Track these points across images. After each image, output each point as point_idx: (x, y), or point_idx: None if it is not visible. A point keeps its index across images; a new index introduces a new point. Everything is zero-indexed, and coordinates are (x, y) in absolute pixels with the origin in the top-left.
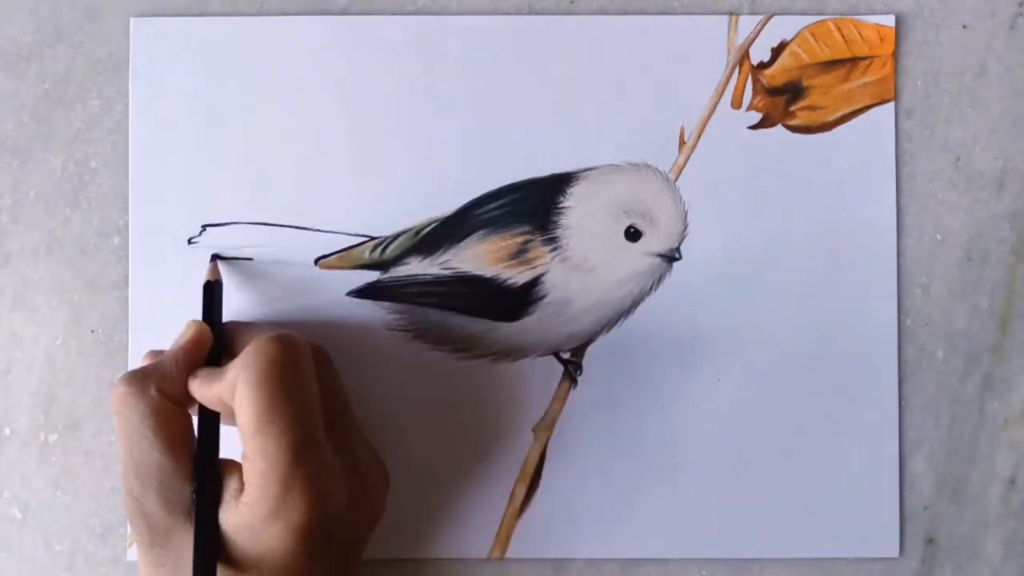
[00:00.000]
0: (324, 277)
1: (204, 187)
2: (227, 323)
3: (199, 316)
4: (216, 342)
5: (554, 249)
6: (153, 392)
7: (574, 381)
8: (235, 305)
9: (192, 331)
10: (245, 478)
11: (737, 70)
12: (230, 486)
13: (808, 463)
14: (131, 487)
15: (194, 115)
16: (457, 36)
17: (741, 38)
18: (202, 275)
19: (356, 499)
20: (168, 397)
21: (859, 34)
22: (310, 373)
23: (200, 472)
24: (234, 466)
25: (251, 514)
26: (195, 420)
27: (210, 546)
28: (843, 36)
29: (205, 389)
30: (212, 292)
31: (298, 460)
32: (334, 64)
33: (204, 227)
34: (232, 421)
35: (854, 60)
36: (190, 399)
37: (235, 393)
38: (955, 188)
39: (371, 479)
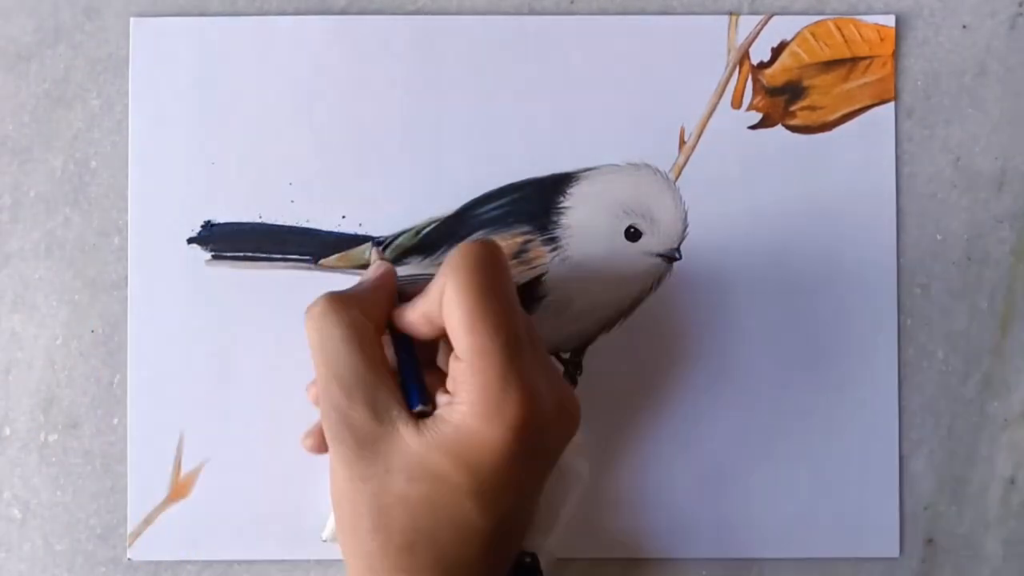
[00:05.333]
0: (324, 277)
1: (204, 187)
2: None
3: (200, 315)
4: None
5: (554, 249)
6: (356, 311)
7: (574, 381)
8: (235, 305)
9: (378, 268)
10: (459, 381)
11: (737, 70)
12: (439, 400)
13: (808, 463)
14: (336, 402)
15: (194, 115)
16: (457, 36)
17: (741, 38)
18: (202, 275)
19: (562, 414)
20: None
21: (859, 34)
22: (511, 275)
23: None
24: (435, 382)
25: (470, 414)
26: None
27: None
28: (843, 36)
29: (411, 311)
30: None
31: (513, 356)
32: (334, 64)
33: (204, 227)
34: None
35: (854, 60)
36: (382, 329)
37: (444, 299)
38: (955, 188)
39: (573, 398)
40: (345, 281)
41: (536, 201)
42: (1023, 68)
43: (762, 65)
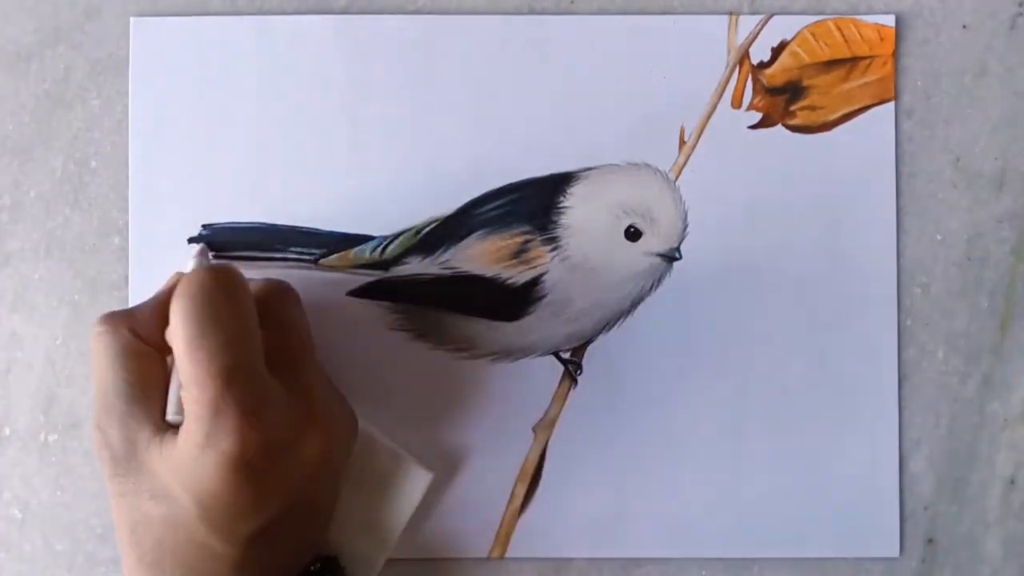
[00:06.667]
0: (324, 277)
1: (204, 187)
2: None
3: None
4: None
5: (554, 249)
6: (126, 332)
7: (574, 381)
8: None
9: (172, 281)
10: (184, 407)
11: (737, 70)
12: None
13: (808, 463)
14: (99, 419)
15: (194, 115)
16: (457, 36)
17: (741, 38)
18: None
19: (306, 431)
20: (142, 339)
21: (859, 34)
22: (245, 302)
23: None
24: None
25: (186, 444)
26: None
27: None
28: (843, 36)
29: (168, 331)
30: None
31: (229, 384)
32: (334, 64)
33: (204, 227)
34: None
35: (854, 60)
36: (165, 345)
37: (169, 327)
38: (955, 188)
39: (327, 417)
40: (344, 280)
41: (536, 201)
42: (1023, 68)
43: (762, 65)
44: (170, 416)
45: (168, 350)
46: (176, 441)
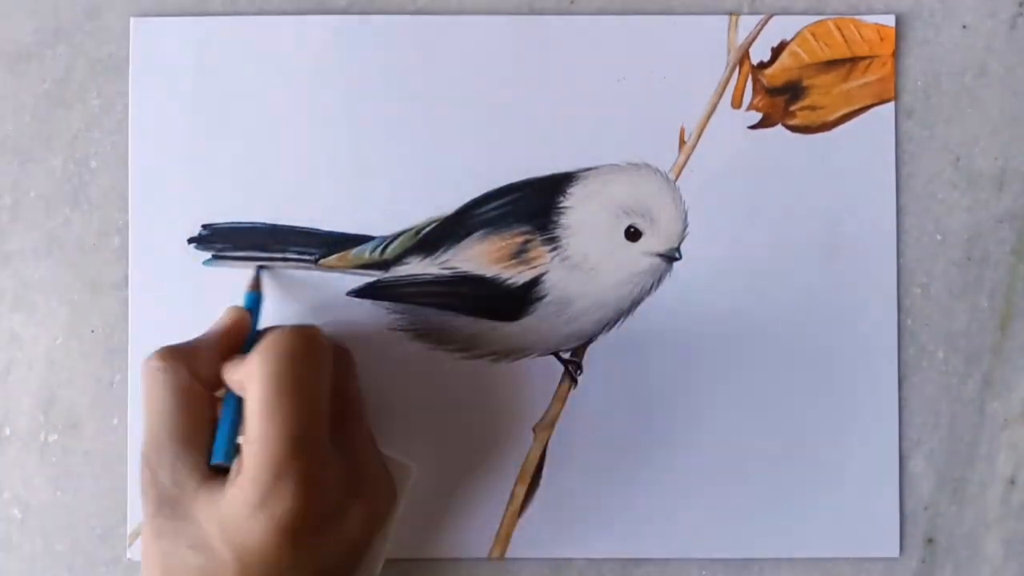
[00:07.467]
0: (324, 277)
1: (204, 187)
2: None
3: (200, 315)
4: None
5: (554, 249)
6: (185, 371)
7: (574, 381)
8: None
9: (230, 316)
10: (244, 463)
11: (737, 70)
12: (233, 469)
13: (808, 463)
14: (149, 457)
15: (194, 115)
16: (457, 36)
17: (741, 38)
18: (202, 274)
19: (351, 504)
20: (197, 378)
21: (859, 34)
22: (325, 370)
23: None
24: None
25: (239, 499)
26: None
27: None
28: (843, 36)
29: (231, 374)
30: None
31: (295, 451)
32: (334, 64)
33: (204, 227)
34: None
35: (854, 60)
36: (218, 383)
37: (246, 379)
38: (955, 188)
39: (373, 489)
40: (344, 280)
41: (536, 201)
42: (1023, 68)
43: (762, 65)
44: (217, 459)
45: (218, 386)
46: (224, 494)
